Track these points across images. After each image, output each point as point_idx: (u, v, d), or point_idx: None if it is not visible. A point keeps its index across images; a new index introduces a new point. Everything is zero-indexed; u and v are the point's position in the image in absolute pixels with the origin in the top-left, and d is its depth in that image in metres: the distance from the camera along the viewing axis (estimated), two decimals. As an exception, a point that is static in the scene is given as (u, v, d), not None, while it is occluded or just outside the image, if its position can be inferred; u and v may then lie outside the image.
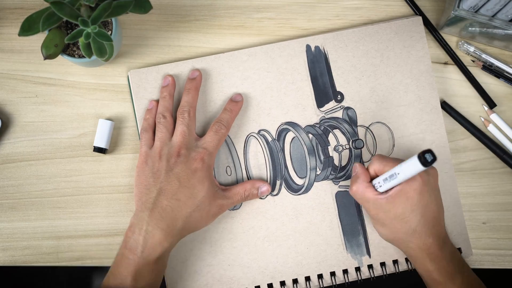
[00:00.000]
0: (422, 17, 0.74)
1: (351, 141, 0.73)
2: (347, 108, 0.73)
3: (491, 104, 0.74)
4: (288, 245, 0.72)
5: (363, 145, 0.73)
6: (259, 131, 0.73)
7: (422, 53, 0.73)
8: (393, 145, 0.73)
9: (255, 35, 0.75)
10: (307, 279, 0.72)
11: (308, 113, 0.73)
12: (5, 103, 0.73)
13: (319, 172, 0.73)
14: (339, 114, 0.73)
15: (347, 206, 0.72)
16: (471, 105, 0.75)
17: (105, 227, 0.72)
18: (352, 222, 0.72)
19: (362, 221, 0.72)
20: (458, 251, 0.67)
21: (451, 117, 0.75)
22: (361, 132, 0.73)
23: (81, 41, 0.64)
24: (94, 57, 0.64)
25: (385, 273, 0.72)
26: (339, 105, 0.73)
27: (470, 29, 0.72)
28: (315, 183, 0.72)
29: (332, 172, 0.73)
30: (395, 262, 0.72)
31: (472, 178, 0.74)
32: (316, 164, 0.73)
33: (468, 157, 0.75)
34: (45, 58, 0.65)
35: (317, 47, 0.73)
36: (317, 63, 0.73)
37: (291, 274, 0.71)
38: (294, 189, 0.72)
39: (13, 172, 0.72)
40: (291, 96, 0.73)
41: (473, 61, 0.75)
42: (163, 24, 0.75)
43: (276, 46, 0.73)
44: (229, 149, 0.72)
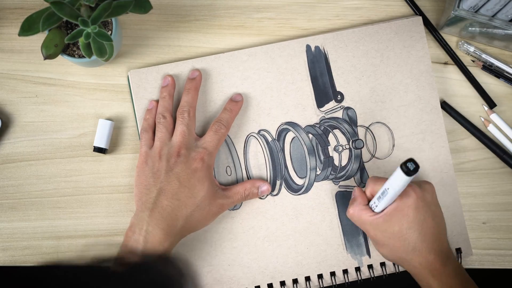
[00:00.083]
0: (422, 17, 0.74)
1: (351, 141, 0.73)
2: (347, 108, 0.73)
3: (491, 104, 0.74)
4: (288, 245, 0.72)
5: (363, 145, 0.73)
6: (259, 131, 0.73)
7: (422, 53, 0.73)
8: (393, 145, 0.73)
9: (255, 35, 0.75)
10: (307, 279, 0.72)
11: (308, 113, 0.73)
12: (5, 103, 0.73)
13: (319, 172, 0.73)
14: (339, 114, 0.73)
15: (347, 206, 0.72)
16: (471, 105, 0.75)
17: (105, 227, 0.72)
18: (352, 222, 0.72)
19: (362, 221, 0.72)
20: (462, 266, 0.66)
21: (451, 117, 0.74)
22: (361, 132, 0.73)
23: (81, 41, 0.64)
24: (94, 57, 0.64)
25: (385, 273, 0.72)
26: (339, 105, 0.73)
27: (470, 29, 0.72)
28: (315, 183, 0.72)
29: (332, 172, 0.73)
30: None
31: (472, 178, 0.74)
32: (316, 164, 0.73)
33: (468, 157, 0.74)
34: (45, 58, 0.65)
35: (317, 47, 0.73)
36: (317, 63, 0.73)
37: (291, 274, 0.71)
38: (294, 189, 0.72)
39: (13, 172, 0.72)
40: (291, 96, 0.73)
41: (473, 61, 0.75)
42: (163, 24, 0.75)
43: (276, 46, 0.73)
44: (229, 149, 0.72)
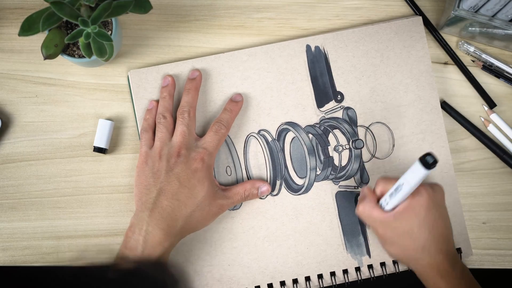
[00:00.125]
0: (422, 17, 0.74)
1: (351, 141, 0.73)
2: (347, 108, 0.73)
3: (491, 104, 0.74)
4: (288, 245, 0.72)
5: (363, 145, 0.73)
6: (259, 131, 0.73)
7: (422, 53, 0.73)
8: (393, 145, 0.73)
9: (255, 35, 0.75)
10: (307, 279, 0.72)
11: (308, 113, 0.73)
12: (5, 103, 0.73)
13: (319, 172, 0.73)
14: (339, 114, 0.73)
15: (347, 206, 0.72)
16: (471, 105, 0.75)
17: (105, 227, 0.72)
18: (352, 222, 0.72)
19: (362, 222, 0.72)
20: (468, 269, 0.66)
21: (451, 117, 0.74)
22: (361, 132, 0.73)
23: (81, 41, 0.64)
24: (94, 57, 0.64)
25: (385, 273, 0.72)
26: (339, 105, 0.73)
27: (470, 29, 0.72)
28: (315, 183, 0.72)
29: (332, 172, 0.73)
30: (395, 262, 0.72)
31: (472, 178, 0.74)
32: (316, 164, 0.73)
33: (468, 157, 0.74)
34: (45, 58, 0.65)
35: (317, 47, 0.73)
36: (317, 63, 0.73)
37: (291, 274, 0.71)
38: (294, 189, 0.72)
39: (13, 172, 0.72)
40: (291, 96, 0.73)
41: (473, 61, 0.75)
42: (163, 24, 0.75)
43: (276, 46, 0.73)
44: (229, 149, 0.72)
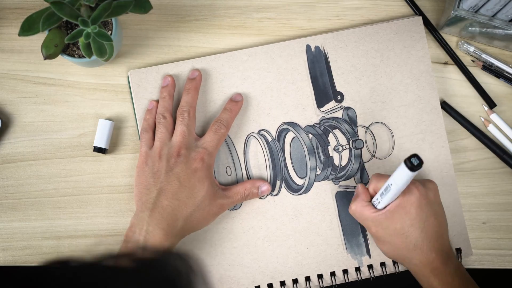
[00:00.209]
0: (422, 17, 0.74)
1: (351, 141, 0.73)
2: (347, 108, 0.73)
3: (491, 104, 0.74)
4: (288, 245, 0.72)
5: (363, 145, 0.73)
6: (259, 131, 0.73)
7: (422, 53, 0.73)
8: (393, 145, 0.73)
9: (255, 35, 0.75)
10: (307, 279, 0.72)
11: (308, 113, 0.73)
12: (5, 103, 0.73)
13: (319, 172, 0.73)
14: (339, 114, 0.73)
15: (347, 206, 0.72)
16: (471, 105, 0.75)
17: (105, 227, 0.72)
18: (352, 222, 0.72)
19: (362, 221, 0.72)
20: (463, 265, 0.66)
21: (451, 117, 0.74)
22: (361, 132, 0.73)
23: (81, 41, 0.64)
24: (94, 57, 0.64)
25: (385, 273, 0.72)
26: (339, 105, 0.73)
27: (470, 29, 0.72)
28: (315, 183, 0.72)
29: (332, 172, 0.73)
30: (395, 262, 0.72)
31: (472, 178, 0.74)
32: (316, 164, 0.73)
33: (468, 157, 0.74)
34: (45, 58, 0.65)
35: (317, 47, 0.73)
36: (317, 63, 0.73)
37: (291, 274, 0.71)
38: (294, 189, 0.72)
39: (13, 172, 0.72)
40: (291, 96, 0.73)
41: (473, 61, 0.75)
42: (163, 24, 0.75)
43: (276, 46, 0.73)
44: (229, 149, 0.72)
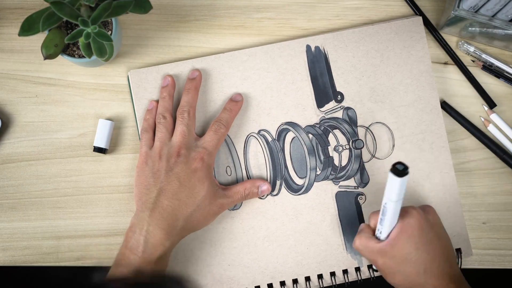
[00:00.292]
0: (422, 17, 0.74)
1: (351, 141, 0.73)
2: (347, 108, 0.73)
3: (491, 104, 0.74)
4: (288, 245, 0.72)
5: (363, 145, 0.73)
6: (259, 131, 0.73)
7: (422, 53, 0.73)
8: (393, 145, 0.73)
9: (255, 35, 0.75)
10: (307, 279, 0.72)
11: (308, 113, 0.73)
12: (5, 103, 0.73)
13: (319, 172, 0.73)
14: (339, 114, 0.73)
15: (347, 206, 0.72)
16: (471, 105, 0.75)
17: (105, 227, 0.72)
18: (352, 222, 0.72)
19: (362, 221, 0.72)
20: None
21: (451, 117, 0.74)
22: (361, 132, 0.73)
23: (81, 41, 0.64)
24: (94, 57, 0.64)
25: (385, 273, 0.72)
26: (339, 105, 0.73)
27: (470, 29, 0.72)
28: (315, 183, 0.72)
29: (332, 172, 0.73)
30: (395, 262, 0.72)
31: (472, 178, 0.74)
32: (316, 164, 0.73)
33: (468, 157, 0.74)
34: (45, 58, 0.65)
35: (317, 47, 0.73)
36: (317, 63, 0.73)
37: (291, 274, 0.71)
38: (294, 189, 0.72)
39: (13, 172, 0.72)
40: (291, 96, 0.73)
41: (473, 61, 0.75)
42: (163, 24, 0.75)
43: (276, 46, 0.73)
44: (229, 149, 0.72)
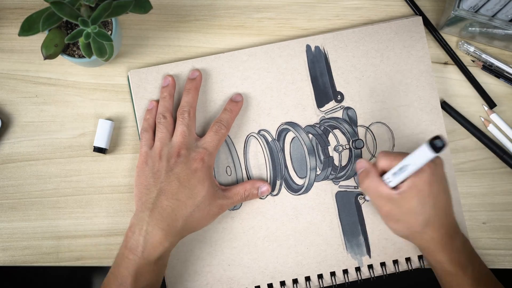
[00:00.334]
0: (422, 17, 0.74)
1: (351, 141, 0.73)
2: (347, 108, 0.73)
3: (491, 104, 0.74)
4: (288, 245, 0.72)
5: (363, 145, 0.73)
6: (259, 131, 0.73)
7: (422, 53, 0.73)
8: (393, 145, 0.73)
9: (255, 35, 0.75)
10: (307, 279, 0.72)
11: (308, 113, 0.73)
12: (5, 103, 0.73)
13: (319, 172, 0.73)
14: (339, 114, 0.73)
15: (347, 206, 0.72)
16: (471, 105, 0.75)
17: (105, 227, 0.72)
18: (352, 222, 0.72)
19: (362, 221, 0.72)
20: (469, 241, 0.67)
21: (451, 117, 0.75)
22: (361, 132, 0.73)
23: (81, 41, 0.64)
24: (94, 57, 0.64)
25: (385, 273, 0.72)
26: (339, 105, 0.73)
27: (470, 29, 0.72)
28: (315, 183, 0.72)
29: (332, 172, 0.73)
30: (395, 262, 0.72)
31: (472, 178, 0.74)
32: (316, 164, 0.73)
33: (468, 157, 0.75)
34: (45, 58, 0.65)
35: (317, 47, 0.73)
36: (317, 63, 0.73)
37: (291, 274, 0.71)
38: (294, 189, 0.72)
39: (13, 172, 0.72)
40: (291, 96, 0.73)
41: (473, 61, 0.75)
42: (163, 24, 0.75)
43: (276, 46, 0.73)
44: (229, 149, 0.72)
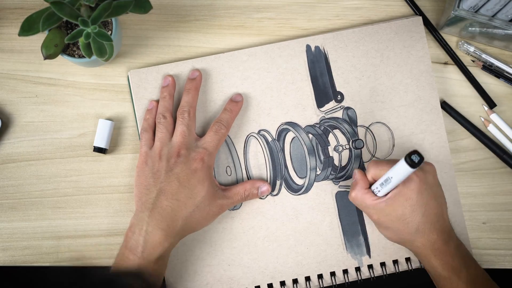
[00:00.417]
0: (422, 17, 0.74)
1: (351, 141, 0.73)
2: (347, 108, 0.73)
3: (491, 104, 0.74)
4: (288, 245, 0.72)
5: (363, 145, 0.73)
6: (259, 131, 0.73)
7: (422, 53, 0.73)
8: (393, 145, 0.73)
9: (255, 35, 0.75)
10: (307, 279, 0.72)
11: (308, 113, 0.73)
12: (5, 103, 0.73)
13: (319, 172, 0.73)
14: (339, 114, 0.73)
15: (347, 206, 0.72)
16: (471, 105, 0.75)
17: (105, 227, 0.72)
18: (352, 222, 0.72)
19: (362, 221, 0.72)
20: (463, 244, 0.67)
21: (451, 117, 0.75)
22: (361, 132, 0.73)
23: (81, 41, 0.64)
24: (94, 57, 0.64)
25: (385, 273, 0.72)
26: (339, 105, 0.73)
27: (470, 29, 0.72)
28: (315, 183, 0.72)
29: (332, 172, 0.73)
30: (395, 262, 0.72)
31: (472, 178, 0.74)
32: (316, 164, 0.73)
33: (468, 157, 0.74)
34: (45, 58, 0.65)
35: (317, 47, 0.73)
36: (317, 63, 0.73)
37: (291, 274, 0.71)
38: (294, 189, 0.72)
39: (13, 172, 0.72)
40: (291, 96, 0.73)
41: (473, 61, 0.75)
42: (163, 24, 0.75)
43: (276, 46, 0.73)
44: (229, 149, 0.72)
